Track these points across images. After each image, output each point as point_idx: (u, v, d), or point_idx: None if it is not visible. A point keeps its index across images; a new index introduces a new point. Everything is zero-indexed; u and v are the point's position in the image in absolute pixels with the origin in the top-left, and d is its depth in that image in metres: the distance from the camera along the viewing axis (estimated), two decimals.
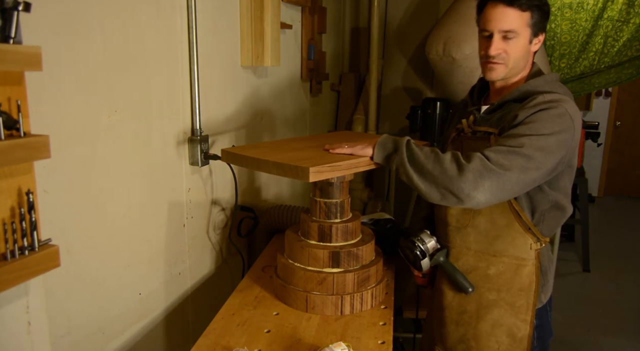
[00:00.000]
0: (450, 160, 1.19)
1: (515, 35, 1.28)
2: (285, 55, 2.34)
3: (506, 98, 1.33)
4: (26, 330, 0.99)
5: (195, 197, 1.71)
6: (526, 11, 1.26)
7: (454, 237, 1.41)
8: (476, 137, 1.37)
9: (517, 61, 1.31)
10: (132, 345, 1.47)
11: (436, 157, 1.21)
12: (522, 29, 1.28)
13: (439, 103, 2.84)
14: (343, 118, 3.48)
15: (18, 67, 0.84)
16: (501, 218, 1.33)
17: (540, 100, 1.25)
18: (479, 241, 1.38)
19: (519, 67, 1.34)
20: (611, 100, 6.00)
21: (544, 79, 1.32)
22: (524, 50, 1.31)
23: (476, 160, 1.16)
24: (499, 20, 1.28)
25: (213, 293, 1.87)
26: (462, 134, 1.43)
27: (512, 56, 1.30)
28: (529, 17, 1.27)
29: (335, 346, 1.19)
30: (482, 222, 1.36)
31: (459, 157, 1.19)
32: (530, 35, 1.30)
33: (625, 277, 3.95)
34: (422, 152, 1.24)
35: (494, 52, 1.29)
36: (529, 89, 1.30)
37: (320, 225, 1.49)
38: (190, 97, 1.62)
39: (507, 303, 1.37)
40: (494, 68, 1.32)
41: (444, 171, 1.17)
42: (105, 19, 1.23)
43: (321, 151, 1.46)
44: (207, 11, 1.68)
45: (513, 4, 1.26)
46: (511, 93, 1.33)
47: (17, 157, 0.85)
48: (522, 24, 1.27)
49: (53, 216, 1.12)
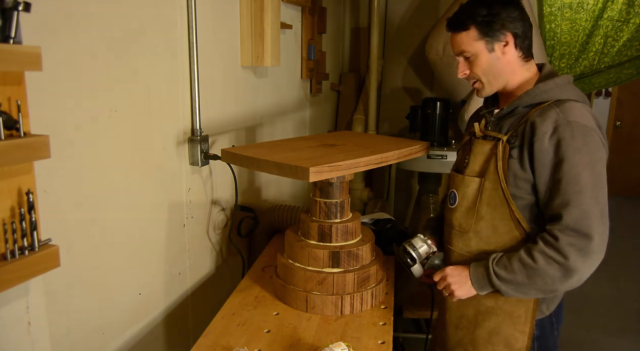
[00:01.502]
0: (547, 265, 1.19)
1: (469, 54, 1.31)
2: (285, 55, 2.34)
3: (515, 104, 1.31)
4: (26, 330, 0.99)
5: (195, 197, 1.71)
6: (468, 28, 1.28)
7: (457, 241, 1.40)
8: (485, 141, 1.35)
9: (490, 75, 1.32)
10: (132, 345, 1.47)
11: (532, 270, 1.21)
12: (471, 46, 1.29)
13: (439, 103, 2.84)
14: (343, 118, 3.48)
15: (18, 67, 0.84)
16: (502, 225, 1.31)
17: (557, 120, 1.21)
18: (480, 246, 1.36)
19: (502, 77, 1.32)
20: (611, 100, 6.00)
21: (554, 82, 1.29)
22: (489, 63, 1.30)
23: (567, 251, 1.17)
24: (453, 45, 1.34)
25: (213, 293, 1.87)
26: (472, 137, 1.42)
27: (479, 73, 1.32)
28: (474, 33, 1.28)
29: (335, 346, 1.19)
30: (483, 227, 1.34)
31: (551, 257, 1.19)
32: (488, 45, 1.29)
33: (625, 277, 3.94)
34: (514, 273, 1.23)
35: (460, 75, 1.35)
36: (538, 94, 1.28)
37: (320, 225, 1.49)
38: (190, 97, 1.62)
39: (504, 312, 1.35)
40: (475, 87, 1.37)
41: (551, 280, 1.20)
42: (106, 19, 1.23)
43: (321, 151, 1.46)
44: (207, 11, 1.68)
45: (455, 29, 1.32)
46: (520, 99, 1.30)
47: (17, 157, 0.85)
48: (470, 41, 1.29)
49: (53, 216, 1.11)
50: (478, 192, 1.33)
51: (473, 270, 1.31)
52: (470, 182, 1.35)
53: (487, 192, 1.31)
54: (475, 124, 1.41)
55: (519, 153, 1.26)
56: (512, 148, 1.27)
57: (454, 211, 1.40)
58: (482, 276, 1.29)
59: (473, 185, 1.35)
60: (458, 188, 1.39)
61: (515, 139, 1.27)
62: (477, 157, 1.35)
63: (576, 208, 1.17)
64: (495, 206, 1.30)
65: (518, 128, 1.28)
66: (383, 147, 1.54)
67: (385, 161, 1.47)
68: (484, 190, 1.32)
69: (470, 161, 1.37)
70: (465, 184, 1.37)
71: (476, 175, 1.35)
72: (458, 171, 1.43)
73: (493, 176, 1.30)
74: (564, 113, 1.22)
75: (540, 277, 1.20)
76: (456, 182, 1.41)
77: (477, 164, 1.35)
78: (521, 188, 1.27)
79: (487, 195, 1.31)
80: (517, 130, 1.28)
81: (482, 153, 1.34)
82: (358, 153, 1.43)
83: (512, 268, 1.24)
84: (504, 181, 1.27)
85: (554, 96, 1.27)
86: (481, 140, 1.36)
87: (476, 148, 1.36)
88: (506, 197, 1.28)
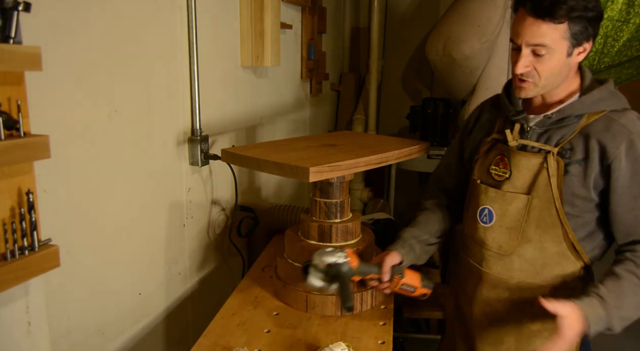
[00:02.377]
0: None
1: (547, 50, 1.10)
2: (285, 55, 2.34)
3: (566, 112, 1.17)
4: (26, 330, 0.99)
5: (195, 197, 1.71)
6: (562, 23, 1.07)
7: (495, 263, 1.26)
8: (529, 153, 1.21)
9: (550, 79, 1.14)
10: (132, 345, 1.47)
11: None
12: (556, 43, 1.09)
13: (439, 103, 2.84)
14: (343, 118, 3.48)
15: (18, 67, 0.84)
16: (552, 246, 1.20)
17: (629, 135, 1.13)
18: (523, 270, 1.24)
19: (555, 83, 1.17)
20: None
21: (607, 89, 1.18)
22: (559, 66, 1.12)
23: None
24: (527, 33, 1.09)
25: (213, 293, 1.87)
26: (500, 145, 1.27)
27: (543, 74, 1.13)
28: (565, 29, 1.07)
29: (335, 346, 1.19)
30: (529, 250, 1.22)
31: None
32: (569, 48, 1.11)
33: None
34: (630, 305, 1.11)
35: (520, 70, 1.13)
36: (595, 102, 1.17)
37: (320, 225, 1.48)
38: (190, 97, 1.62)
39: (549, 331, 1.21)
40: (522, 87, 1.17)
41: None
42: (105, 19, 1.23)
43: (321, 151, 1.46)
44: (207, 11, 1.68)
45: (544, 17, 1.06)
46: (572, 107, 1.17)
47: (17, 157, 0.85)
48: (557, 37, 1.08)
49: (53, 216, 1.11)
50: (525, 210, 1.20)
51: (591, 315, 1.08)
52: (512, 199, 1.21)
53: (536, 211, 1.19)
54: (507, 132, 1.24)
55: (583, 170, 1.15)
56: (569, 164, 1.15)
57: (490, 230, 1.26)
58: (600, 319, 1.09)
59: (517, 202, 1.21)
60: (494, 205, 1.25)
61: (571, 153, 1.15)
62: (522, 172, 1.21)
63: None
64: (545, 227, 1.19)
65: (573, 141, 1.16)
66: (383, 147, 1.54)
67: (385, 161, 1.47)
68: (531, 209, 1.19)
69: (512, 175, 1.22)
70: (506, 201, 1.23)
71: (521, 192, 1.21)
72: (490, 184, 1.27)
73: (545, 194, 1.17)
74: (631, 126, 1.13)
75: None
76: (491, 197, 1.26)
77: (522, 179, 1.21)
78: (577, 206, 1.17)
79: (536, 214, 1.19)
80: (572, 143, 1.16)
81: (528, 168, 1.20)
82: (358, 153, 1.43)
83: (626, 298, 1.11)
84: (559, 199, 1.16)
85: (609, 105, 1.17)
86: (522, 151, 1.22)
87: (519, 161, 1.22)
88: (560, 217, 1.17)
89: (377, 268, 1.31)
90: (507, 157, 1.24)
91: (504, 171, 1.24)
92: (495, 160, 1.27)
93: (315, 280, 1.26)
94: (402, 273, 1.32)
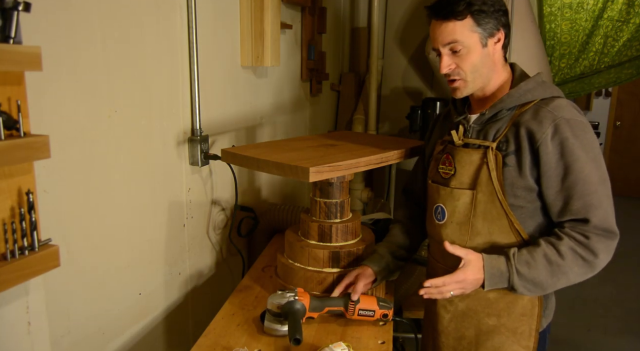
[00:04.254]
0: (574, 262, 1.15)
1: (461, 45, 1.18)
2: (285, 55, 2.34)
3: (498, 107, 1.23)
4: (26, 330, 0.99)
5: (195, 197, 1.71)
6: (464, 17, 1.16)
7: (450, 257, 1.27)
8: (470, 149, 1.26)
9: (475, 71, 1.21)
10: (132, 345, 1.47)
11: (557, 267, 1.16)
12: (467, 37, 1.17)
13: (439, 103, 2.84)
14: (343, 118, 3.48)
15: (18, 67, 0.84)
16: (501, 238, 1.24)
17: (554, 120, 1.16)
18: None
19: (485, 75, 1.23)
20: (611, 100, 6.00)
21: (535, 81, 1.23)
22: (478, 57, 1.20)
23: (598, 249, 1.16)
24: (440, 35, 1.19)
25: (213, 293, 1.87)
26: (449, 146, 1.32)
27: (466, 68, 1.20)
28: (471, 22, 1.16)
29: (335, 346, 1.19)
30: (480, 243, 1.26)
31: (579, 254, 1.15)
32: (482, 38, 1.18)
33: (625, 277, 3.94)
34: (537, 271, 1.16)
35: (444, 70, 1.22)
36: (522, 94, 1.21)
37: (320, 225, 1.49)
38: (190, 97, 1.62)
39: (508, 329, 1.28)
40: (455, 87, 1.25)
41: (573, 277, 1.17)
42: (105, 19, 1.23)
43: (321, 151, 1.46)
44: (207, 11, 1.68)
45: (448, 17, 1.17)
46: (502, 101, 1.22)
47: (17, 157, 0.85)
48: (465, 31, 1.17)
49: (53, 216, 1.11)
50: (471, 205, 1.25)
51: (488, 265, 1.18)
52: (460, 195, 1.26)
53: (482, 204, 1.23)
54: (453, 132, 1.31)
55: (517, 160, 1.19)
56: (505, 156, 1.20)
57: (443, 227, 1.31)
58: (500, 274, 1.18)
59: (464, 198, 1.26)
60: (445, 202, 1.29)
61: (506, 145, 1.20)
62: (465, 167, 1.26)
63: (599, 209, 1.15)
64: (492, 219, 1.23)
65: (507, 133, 1.21)
66: (383, 147, 1.54)
67: (385, 161, 1.47)
68: (477, 203, 1.24)
69: (456, 172, 1.27)
70: (454, 197, 1.27)
71: (466, 188, 1.25)
72: (439, 182, 1.32)
73: (487, 187, 1.22)
74: (557, 111, 1.17)
75: (564, 275, 1.16)
76: (442, 195, 1.31)
77: (466, 175, 1.26)
78: (519, 197, 1.21)
79: (482, 208, 1.23)
80: (507, 135, 1.21)
81: (470, 163, 1.25)
82: (358, 153, 1.43)
83: (535, 265, 1.16)
84: (501, 192, 1.20)
85: (538, 95, 1.21)
86: (464, 148, 1.27)
87: (462, 158, 1.27)
88: (504, 209, 1.21)
89: (333, 302, 1.35)
90: (451, 155, 1.30)
91: (450, 168, 1.30)
92: (442, 160, 1.33)
93: (271, 324, 1.29)
94: (357, 300, 1.34)
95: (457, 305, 1.35)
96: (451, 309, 1.36)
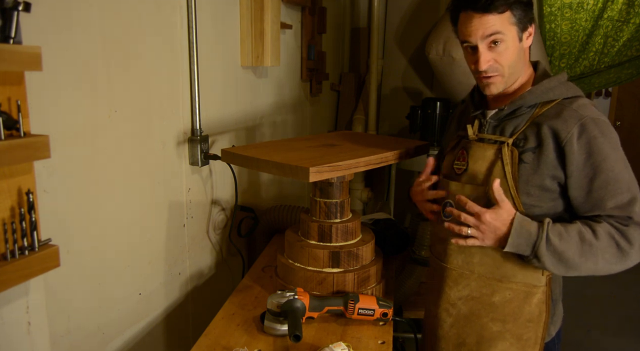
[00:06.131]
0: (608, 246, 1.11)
1: (502, 38, 1.13)
2: (285, 55, 2.34)
3: (518, 103, 1.20)
4: (26, 330, 0.99)
5: (195, 197, 1.71)
6: (505, 12, 1.12)
7: (455, 258, 1.26)
8: (485, 144, 1.23)
9: (513, 66, 1.18)
10: (132, 345, 1.47)
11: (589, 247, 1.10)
12: (507, 29, 1.13)
13: (439, 103, 2.84)
14: (343, 118, 3.48)
15: (18, 67, 0.84)
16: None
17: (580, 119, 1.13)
18: (484, 263, 1.24)
19: (519, 71, 1.21)
20: (611, 100, 6.00)
21: (557, 79, 1.20)
22: (516, 52, 1.16)
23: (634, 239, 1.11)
24: (479, 28, 1.13)
25: (213, 293, 1.87)
26: (464, 140, 1.30)
27: (505, 63, 1.16)
28: (509, 15, 1.13)
29: (335, 346, 1.19)
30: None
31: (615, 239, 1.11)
32: (518, 32, 1.15)
33: (625, 277, 3.94)
34: (568, 245, 1.10)
35: (485, 66, 1.16)
36: (544, 92, 1.19)
37: (320, 225, 1.49)
38: (190, 97, 1.62)
39: (513, 335, 1.23)
40: (491, 83, 1.19)
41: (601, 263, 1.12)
42: (105, 19, 1.23)
43: (321, 151, 1.46)
44: (207, 11, 1.68)
45: (488, 10, 1.12)
46: (523, 98, 1.19)
47: (17, 157, 0.85)
48: (506, 24, 1.13)
49: (53, 216, 1.11)
50: (482, 201, 1.19)
51: (519, 222, 1.12)
52: (471, 191, 1.22)
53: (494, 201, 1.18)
54: (468, 126, 1.28)
55: (535, 158, 1.16)
56: (522, 153, 1.17)
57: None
58: (529, 236, 1.12)
59: (475, 194, 1.21)
60: (455, 198, 1.25)
61: (524, 142, 1.17)
62: (478, 163, 1.23)
63: (635, 205, 1.12)
64: None
65: (526, 131, 1.18)
66: (383, 147, 1.54)
67: (385, 161, 1.47)
68: (489, 200, 1.18)
69: (469, 167, 1.25)
70: (464, 193, 1.23)
71: (479, 183, 1.22)
72: (451, 178, 1.29)
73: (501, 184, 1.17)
74: (582, 110, 1.14)
75: (594, 257, 1.10)
76: (452, 190, 1.27)
77: (479, 170, 1.22)
78: (532, 195, 1.17)
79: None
80: (525, 133, 1.18)
81: (484, 159, 1.22)
82: (358, 153, 1.43)
83: (568, 238, 1.10)
84: (514, 187, 1.17)
85: (560, 94, 1.18)
86: (479, 143, 1.25)
87: (475, 152, 1.24)
88: (516, 206, 1.17)
89: (332, 301, 1.35)
90: (465, 150, 1.28)
91: (463, 164, 1.27)
92: (457, 155, 1.30)
93: (271, 324, 1.29)
94: (356, 299, 1.34)
95: (461, 308, 1.31)
96: (454, 312, 1.33)
